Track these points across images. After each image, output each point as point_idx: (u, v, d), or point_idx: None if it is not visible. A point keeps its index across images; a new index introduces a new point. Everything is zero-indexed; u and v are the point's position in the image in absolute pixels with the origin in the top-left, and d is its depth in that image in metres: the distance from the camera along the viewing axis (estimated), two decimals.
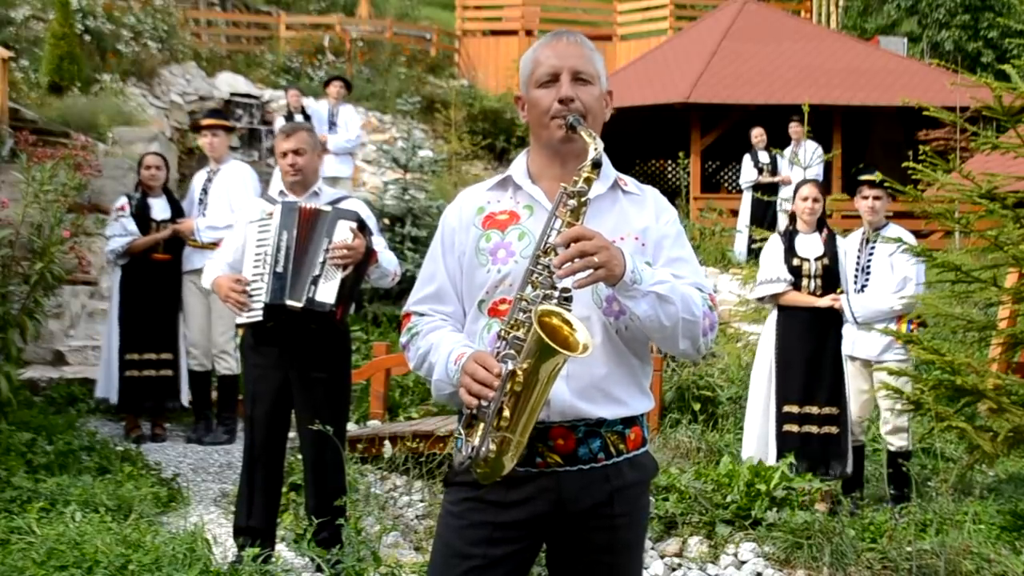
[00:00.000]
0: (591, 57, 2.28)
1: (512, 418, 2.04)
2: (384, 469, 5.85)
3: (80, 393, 7.36)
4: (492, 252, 2.24)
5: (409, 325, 2.36)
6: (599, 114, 2.29)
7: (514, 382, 2.03)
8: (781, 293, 5.66)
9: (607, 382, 2.21)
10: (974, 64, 20.05)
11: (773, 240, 5.85)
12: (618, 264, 2.06)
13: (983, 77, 5.44)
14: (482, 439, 2.06)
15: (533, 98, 2.27)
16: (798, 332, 5.63)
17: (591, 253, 2.02)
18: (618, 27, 19.93)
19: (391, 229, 9.80)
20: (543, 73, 2.26)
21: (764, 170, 12.07)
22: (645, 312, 2.12)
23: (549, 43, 2.29)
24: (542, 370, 2.02)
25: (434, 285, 2.34)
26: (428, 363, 2.26)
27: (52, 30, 12.57)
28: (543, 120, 2.25)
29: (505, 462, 2.08)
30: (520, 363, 2.02)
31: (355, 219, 4.16)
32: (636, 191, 2.34)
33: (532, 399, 2.04)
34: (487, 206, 2.31)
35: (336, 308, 4.10)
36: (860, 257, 5.74)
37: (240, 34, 18.72)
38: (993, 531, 4.79)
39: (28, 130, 7.98)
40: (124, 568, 3.74)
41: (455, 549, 2.24)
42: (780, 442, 5.57)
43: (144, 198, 6.84)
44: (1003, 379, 5.22)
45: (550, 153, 2.28)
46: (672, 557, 4.74)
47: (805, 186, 5.81)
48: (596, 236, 2.05)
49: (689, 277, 2.26)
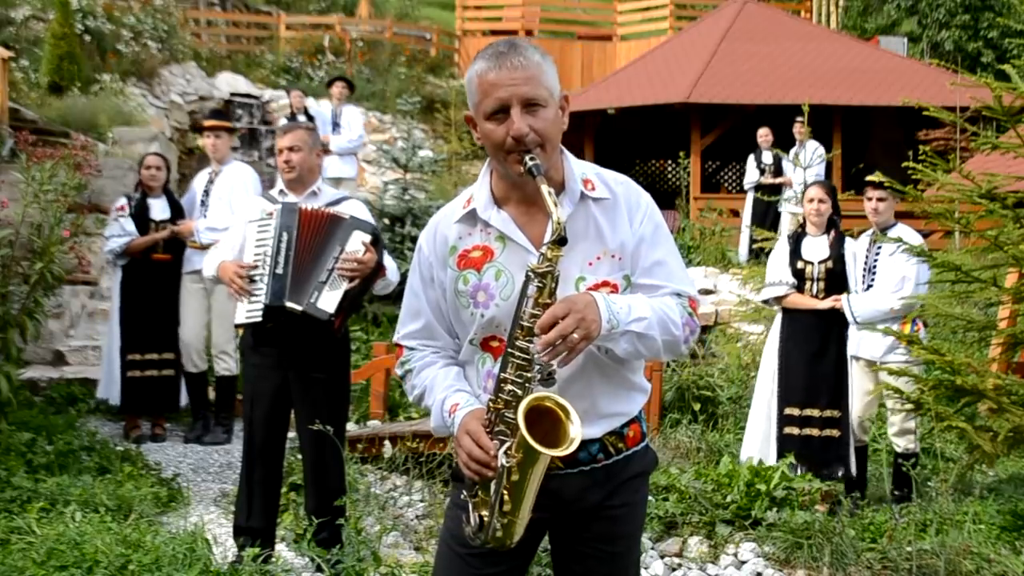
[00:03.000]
0: (539, 76, 2.11)
1: (513, 503, 2.09)
2: (384, 469, 5.84)
3: (80, 393, 7.36)
4: (472, 296, 2.21)
5: (402, 359, 2.36)
6: (556, 135, 2.15)
7: (511, 473, 2.05)
8: (784, 296, 5.67)
9: (601, 404, 2.23)
10: (974, 64, 20.04)
11: (781, 242, 5.87)
12: (595, 323, 2.03)
13: (983, 77, 5.43)
14: (488, 523, 2.12)
15: (484, 130, 2.14)
16: (801, 335, 5.64)
17: (571, 331, 1.99)
18: (618, 27, 19.93)
19: (391, 229, 9.80)
20: (490, 106, 2.10)
21: (767, 171, 12.06)
22: (625, 349, 2.13)
23: (492, 68, 2.10)
24: (534, 467, 2.05)
25: (420, 322, 2.32)
26: (424, 403, 2.31)
27: (52, 30, 12.57)
28: (499, 154, 2.14)
29: (514, 533, 2.13)
30: (514, 454, 2.04)
31: (371, 232, 4.12)
32: (605, 194, 2.22)
33: (530, 485, 2.08)
34: (459, 243, 2.24)
35: (335, 318, 4.08)
36: (868, 258, 5.74)
37: (240, 34, 18.71)
38: (993, 531, 4.79)
39: (28, 130, 7.97)
40: (124, 568, 3.74)
41: (460, 539, 2.26)
42: (781, 444, 5.58)
43: (144, 198, 6.83)
44: (1003, 379, 5.21)
45: (509, 178, 2.18)
46: (672, 557, 4.74)
47: (812, 187, 5.82)
48: (569, 311, 2.00)
49: (668, 284, 2.23)
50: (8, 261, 5.86)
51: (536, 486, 2.09)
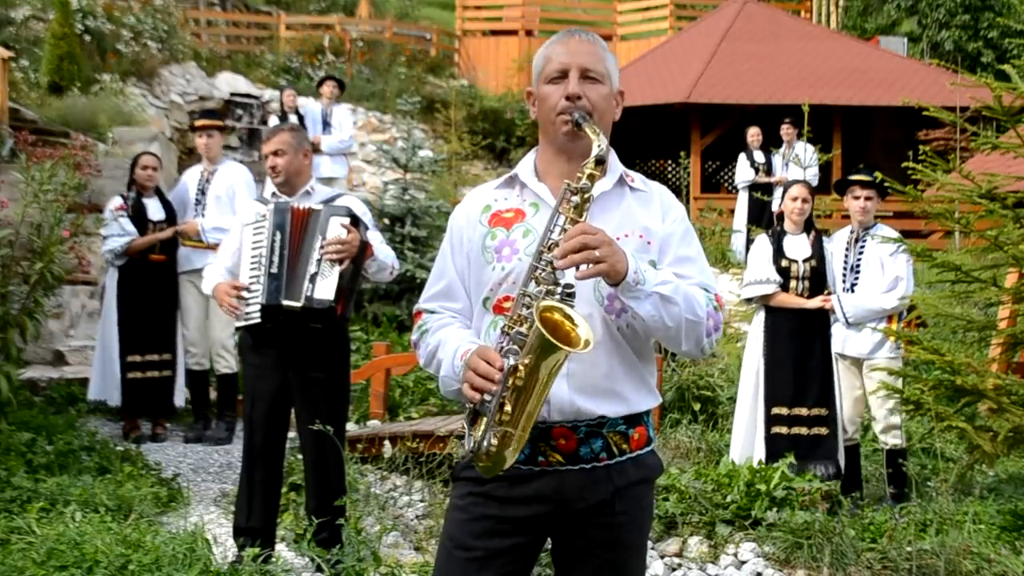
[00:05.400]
0: (602, 56, 2.29)
1: (513, 413, 2.06)
2: (384, 469, 5.85)
3: (80, 393, 7.35)
4: (497, 250, 2.25)
5: (419, 323, 2.38)
6: (607, 113, 2.29)
7: (515, 377, 2.03)
8: (771, 295, 5.67)
9: (608, 379, 2.22)
10: (974, 64, 20.04)
11: (760, 240, 5.85)
12: (620, 262, 2.06)
13: (983, 77, 5.43)
14: (484, 433, 2.08)
15: (542, 94, 2.28)
16: (786, 334, 5.63)
17: (593, 247, 2.03)
18: (618, 27, 19.93)
19: (391, 229, 9.80)
20: (552, 69, 2.26)
21: (760, 170, 12.08)
22: (648, 312, 2.13)
23: (561, 40, 2.30)
24: (543, 366, 2.03)
25: (443, 282, 2.37)
26: (436, 359, 2.29)
27: (52, 30, 12.57)
28: (550, 116, 2.26)
29: (507, 456, 2.09)
30: (522, 358, 2.03)
31: (346, 214, 4.18)
32: (643, 188, 2.33)
33: (533, 394, 2.05)
34: (494, 204, 2.33)
35: (336, 304, 4.11)
36: (848, 257, 5.74)
37: (240, 34, 18.71)
38: (993, 531, 4.79)
39: (28, 130, 7.96)
40: (124, 568, 3.74)
41: (458, 541, 2.26)
42: (769, 444, 5.57)
43: (139, 198, 6.81)
44: (1003, 379, 5.22)
45: (556, 150, 2.29)
46: (672, 557, 4.74)
47: (795, 186, 5.81)
48: (600, 232, 2.06)
49: (695, 277, 2.26)
50: (8, 261, 5.85)
51: (540, 400, 2.06)
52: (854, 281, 5.69)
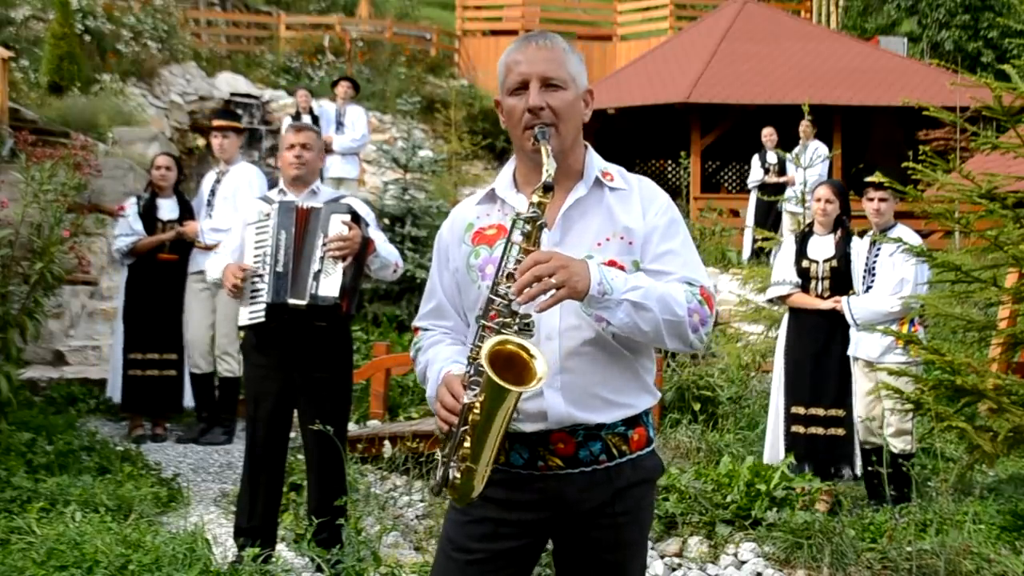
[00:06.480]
0: (562, 60, 2.22)
1: (472, 449, 2.05)
2: (384, 469, 5.85)
3: (80, 393, 7.36)
4: (481, 269, 2.24)
5: (415, 340, 2.42)
6: (573, 118, 2.23)
7: (473, 414, 2.03)
8: (788, 295, 5.68)
9: (602, 388, 2.20)
10: (974, 64, 20.03)
11: (787, 241, 5.89)
12: (580, 280, 2.03)
13: (983, 77, 5.43)
14: (445, 467, 2.09)
15: (507, 106, 2.25)
16: (805, 334, 5.67)
17: (549, 274, 2.00)
18: (618, 27, 19.94)
19: (391, 229, 9.80)
20: (513, 81, 2.22)
21: (771, 170, 12.06)
22: (621, 320, 2.10)
23: (519, 48, 2.24)
24: (497, 409, 2.01)
25: (434, 301, 2.39)
26: (426, 378, 2.32)
27: (52, 30, 12.58)
28: (516, 130, 2.23)
29: (475, 486, 2.09)
30: (477, 396, 2.02)
31: (347, 211, 4.21)
32: (623, 186, 2.29)
33: (492, 429, 2.03)
34: (476, 222, 2.31)
35: (341, 300, 4.13)
36: (868, 259, 5.75)
37: (240, 34, 18.72)
38: (993, 531, 4.78)
39: (28, 130, 7.96)
40: (124, 568, 3.74)
41: (457, 544, 2.26)
42: (788, 443, 5.60)
43: (153, 198, 6.86)
44: (1003, 379, 5.21)
45: (529, 160, 2.25)
46: (672, 557, 4.74)
47: (820, 187, 5.83)
48: (552, 257, 2.03)
49: (677, 272, 2.22)
50: (8, 261, 5.85)
51: (498, 435, 2.04)
52: (871, 283, 5.69)
